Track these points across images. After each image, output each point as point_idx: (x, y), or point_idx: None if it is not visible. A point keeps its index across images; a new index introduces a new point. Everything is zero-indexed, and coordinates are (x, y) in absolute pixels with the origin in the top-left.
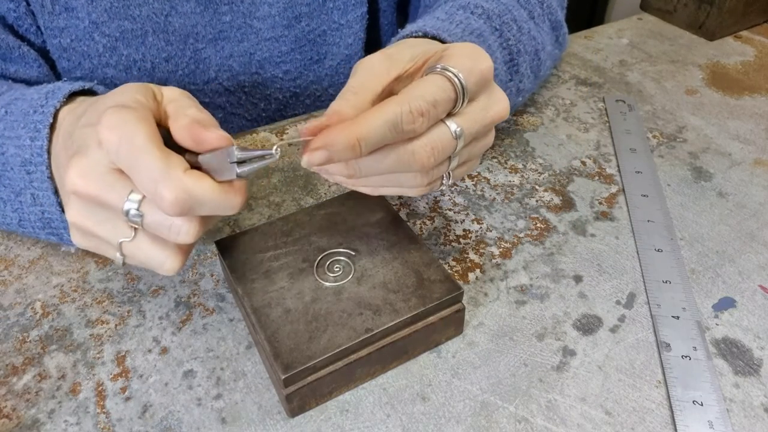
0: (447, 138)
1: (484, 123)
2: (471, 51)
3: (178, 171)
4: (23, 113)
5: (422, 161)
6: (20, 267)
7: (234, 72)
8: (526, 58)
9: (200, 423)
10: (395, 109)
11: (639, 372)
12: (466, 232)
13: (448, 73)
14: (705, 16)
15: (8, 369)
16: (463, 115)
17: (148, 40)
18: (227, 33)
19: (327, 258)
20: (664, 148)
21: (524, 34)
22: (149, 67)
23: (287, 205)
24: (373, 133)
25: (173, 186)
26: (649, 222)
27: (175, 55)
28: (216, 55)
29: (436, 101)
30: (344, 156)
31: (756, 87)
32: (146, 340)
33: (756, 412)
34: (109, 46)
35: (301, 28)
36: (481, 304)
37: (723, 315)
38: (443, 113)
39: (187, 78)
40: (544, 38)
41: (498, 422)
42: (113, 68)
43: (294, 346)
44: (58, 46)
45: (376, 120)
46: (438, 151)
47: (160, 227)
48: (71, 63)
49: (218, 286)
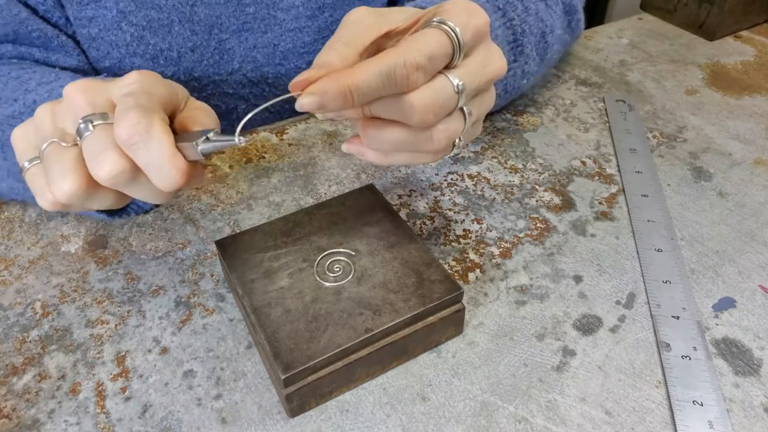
0: (448, 91)
1: (485, 78)
2: (466, 5)
3: (154, 113)
4: (57, 96)
5: (421, 114)
6: (20, 267)
7: (258, 63)
8: (531, 39)
9: (200, 423)
10: (390, 60)
11: (639, 372)
12: (466, 232)
13: (445, 26)
14: (705, 16)
15: (8, 369)
16: (463, 68)
17: (174, 30)
18: (251, 24)
19: (327, 258)
20: (664, 148)
21: (530, 15)
22: (176, 57)
23: (287, 205)
24: (366, 83)
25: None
26: (649, 222)
27: (200, 45)
28: (240, 46)
29: (433, 55)
30: (336, 104)
31: (756, 87)
32: (146, 340)
33: (756, 412)
34: (137, 35)
35: (324, 18)
36: (481, 304)
37: (723, 315)
38: (439, 67)
39: (212, 68)
40: (554, 21)
41: (498, 422)
42: (140, 57)
43: (294, 346)
44: (87, 36)
45: (370, 70)
46: (438, 104)
47: (91, 148)
48: (100, 53)
49: (218, 286)
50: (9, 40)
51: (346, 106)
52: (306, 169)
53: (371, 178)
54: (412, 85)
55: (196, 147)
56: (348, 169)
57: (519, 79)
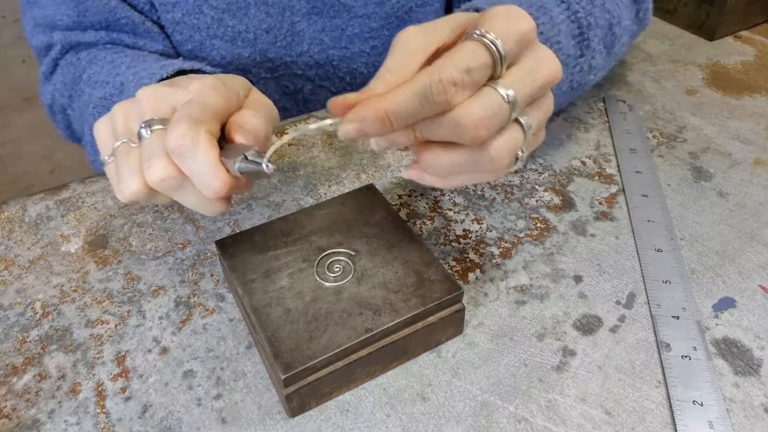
0: (498, 103)
1: (536, 84)
2: (507, 12)
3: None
4: (141, 79)
5: (472, 131)
6: (20, 267)
7: (324, 45)
8: (598, 33)
9: (200, 423)
10: (425, 80)
11: (639, 372)
12: (466, 232)
13: (484, 37)
14: (705, 16)
15: (8, 369)
16: (511, 77)
17: (251, 12)
18: (320, 8)
19: (327, 258)
20: (664, 148)
21: (596, 6)
22: (252, 38)
23: (287, 205)
24: (402, 106)
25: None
26: (649, 222)
27: (274, 26)
28: (309, 29)
29: (470, 68)
30: (375, 129)
31: (756, 87)
32: (146, 340)
33: (756, 412)
34: (217, 18)
35: (392, 5)
36: (481, 304)
37: (723, 315)
38: (481, 80)
39: (284, 50)
40: (621, 11)
41: (498, 422)
42: (220, 39)
43: (294, 346)
44: (171, 20)
45: (404, 93)
46: (489, 118)
47: (145, 152)
48: (183, 36)
49: (218, 286)
50: (102, 27)
51: (385, 131)
52: (306, 169)
53: (371, 178)
54: (452, 102)
55: (234, 166)
56: (348, 169)
57: (586, 75)
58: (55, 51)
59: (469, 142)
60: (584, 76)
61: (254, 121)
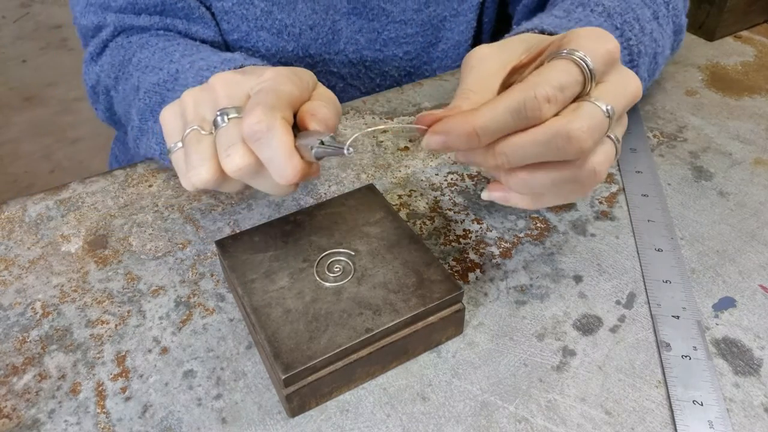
0: (600, 116)
1: (626, 100)
2: (594, 32)
3: (278, 111)
4: (200, 69)
5: (580, 143)
6: (20, 267)
7: (359, 46)
8: (645, 60)
9: (200, 423)
10: (519, 96)
11: (639, 372)
12: (466, 232)
13: (573, 56)
14: (705, 16)
15: (8, 369)
16: (605, 94)
17: (298, 7)
18: (360, 10)
19: (327, 258)
20: (665, 148)
21: (646, 35)
22: (297, 33)
23: (287, 205)
24: (494, 121)
25: (297, 160)
26: (649, 221)
27: (318, 23)
28: (347, 29)
29: (563, 85)
30: (461, 144)
31: (756, 88)
32: (146, 340)
33: (756, 412)
34: (266, 10)
35: (428, 13)
36: (481, 304)
37: (723, 315)
38: (571, 97)
39: (324, 47)
40: (665, 41)
41: (498, 422)
42: (267, 31)
43: (294, 346)
44: (221, 9)
45: (497, 109)
46: (595, 130)
47: (222, 140)
48: (230, 25)
49: (218, 286)
50: (157, 11)
51: (471, 146)
52: None
53: (371, 178)
54: (543, 117)
55: (310, 150)
56: (348, 169)
57: None
58: (106, 32)
59: (573, 156)
60: None
61: (324, 110)
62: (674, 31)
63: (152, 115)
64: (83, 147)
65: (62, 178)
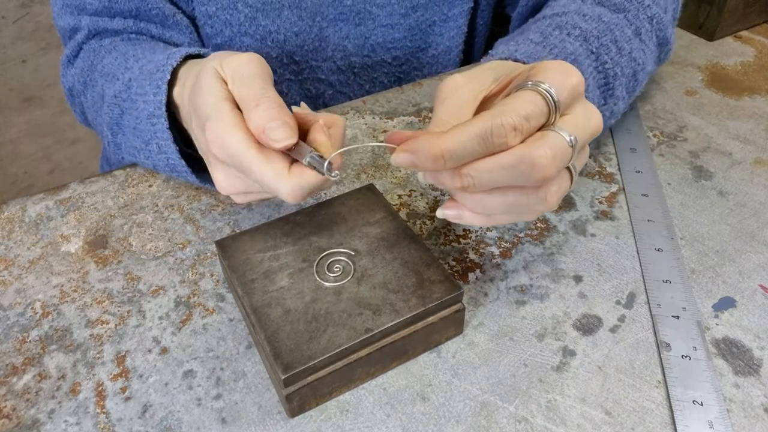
0: (564, 146)
1: (589, 133)
2: (559, 66)
3: (285, 173)
4: (150, 73)
5: (543, 170)
6: (20, 267)
7: (347, 52)
8: (622, 81)
9: (200, 423)
10: (486, 123)
11: (639, 372)
12: (466, 232)
13: (539, 87)
14: (705, 16)
15: (8, 369)
16: (569, 125)
17: (284, 14)
18: (346, 15)
19: (327, 258)
20: (665, 147)
21: (624, 56)
22: (281, 39)
23: (287, 206)
24: (461, 146)
25: (288, 187)
26: (649, 221)
27: (303, 30)
28: (335, 35)
29: (528, 115)
30: (428, 165)
31: (756, 88)
32: (146, 340)
33: (756, 412)
34: (250, 15)
35: (416, 17)
36: (481, 304)
37: (723, 315)
38: (536, 127)
39: (310, 54)
40: (647, 57)
41: (498, 422)
42: (251, 37)
43: (294, 346)
44: (205, 13)
45: (464, 134)
46: (558, 158)
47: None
48: (214, 30)
49: (218, 286)
50: (132, 15)
51: (437, 168)
52: None
53: (371, 178)
54: (509, 144)
55: (306, 163)
56: (348, 169)
57: (607, 120)
58: (81, 35)
59: (535, 182)
60: (606, 121)
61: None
62: (658, 44)
63: (120, 128)
64: (83, 147)
65: (62, 179)
